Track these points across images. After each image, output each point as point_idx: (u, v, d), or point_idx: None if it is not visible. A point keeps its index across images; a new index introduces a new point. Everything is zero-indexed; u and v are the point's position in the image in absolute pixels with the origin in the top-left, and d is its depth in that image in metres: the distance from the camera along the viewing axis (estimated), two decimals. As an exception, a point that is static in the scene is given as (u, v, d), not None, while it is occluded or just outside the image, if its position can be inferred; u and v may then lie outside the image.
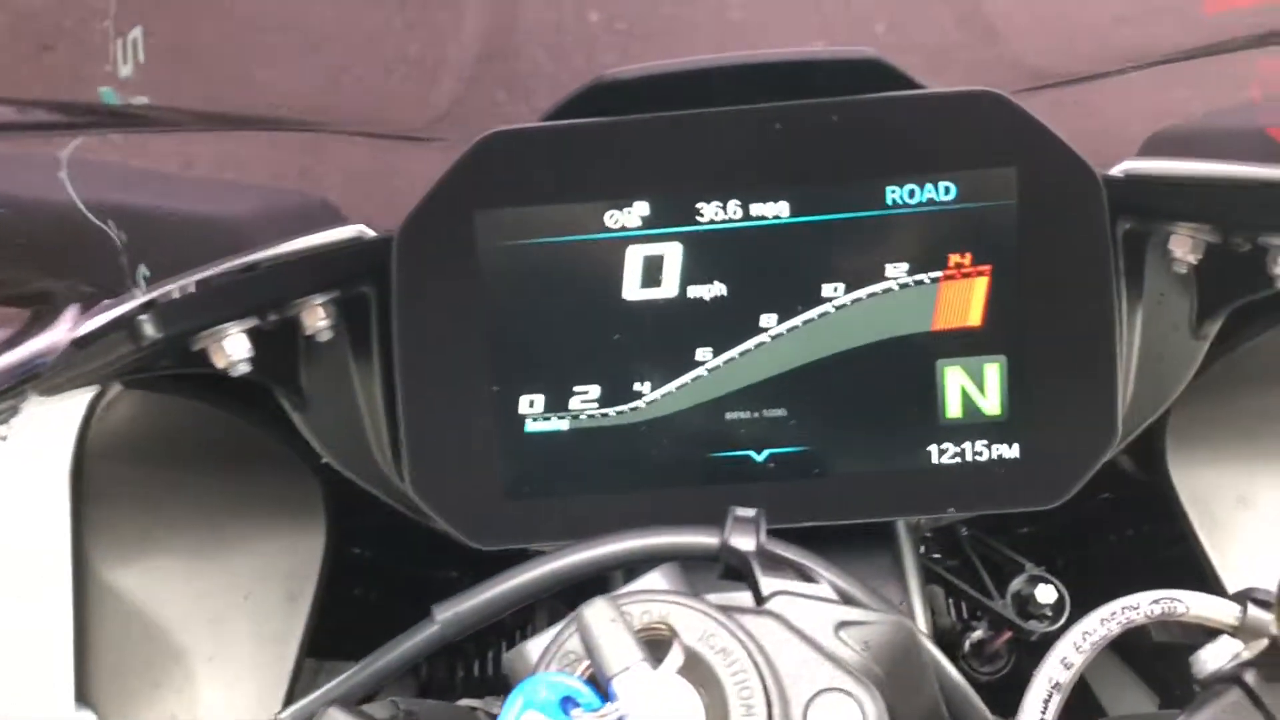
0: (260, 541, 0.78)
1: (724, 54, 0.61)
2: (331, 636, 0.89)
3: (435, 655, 0.60)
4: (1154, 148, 0.63)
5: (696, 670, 0.44)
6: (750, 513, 0.55)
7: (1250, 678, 0.49)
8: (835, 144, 0.61)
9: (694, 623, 0.45)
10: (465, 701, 0.59)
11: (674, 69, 0.61)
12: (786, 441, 0.64)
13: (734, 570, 0.54)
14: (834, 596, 0.53)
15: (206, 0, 0.66)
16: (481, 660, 0.92)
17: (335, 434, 0.70)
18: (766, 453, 0.64)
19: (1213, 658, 0.53)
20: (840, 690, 0.47)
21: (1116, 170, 0.62)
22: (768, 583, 0.52)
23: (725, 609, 0.47)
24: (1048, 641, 0.73)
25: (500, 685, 0.52)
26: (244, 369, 0.61)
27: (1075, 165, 0.61)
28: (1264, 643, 0.52)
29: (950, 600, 0.90)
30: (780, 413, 0.64)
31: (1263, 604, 0.56)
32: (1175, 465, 0.79)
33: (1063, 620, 0.80)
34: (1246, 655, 0.52)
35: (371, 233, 0.62)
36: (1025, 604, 0.82)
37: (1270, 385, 0.78)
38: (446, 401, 0.63)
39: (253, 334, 0.61)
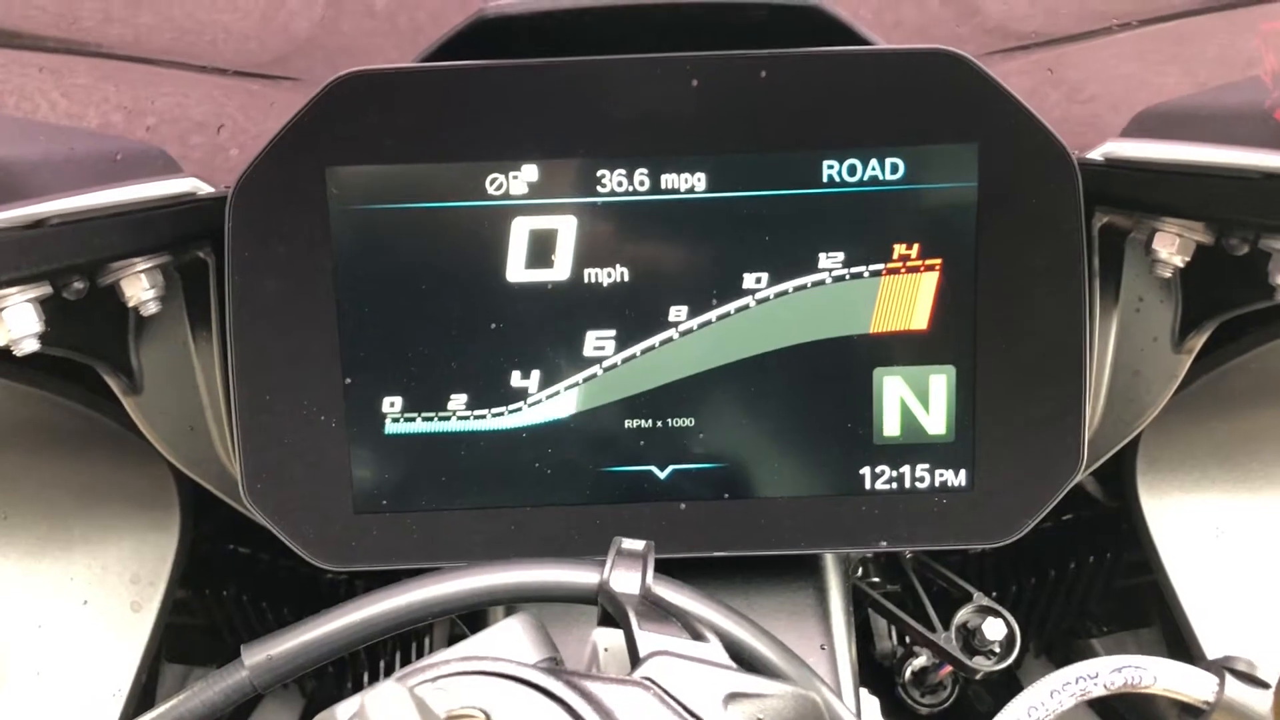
0: (104, 540, 0.68)
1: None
2: (205, 636, 0.80)
3: (321, 668, 0.51)
4: (1142, 127, 0.54)
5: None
6: (638, 545, 0.45)
7: None
8: (763, 106, 0.51)
9: (521, 706, 0.35)
10: None
11: (574, 5, 0.51)
12: (695, 457, 0.54)
13: (611, 618, 0.45)
14: (725, 660, 0.43)
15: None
16: (373, 671, 0.83)
17: (170, 421, 0.60)
18: (670, 469, 0.55)
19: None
20: None
21: (1096, 153, 0.53)
22: (646, 639, 0.42)
23: (576, 677, 0.37)
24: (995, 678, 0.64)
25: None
26: (32, 345, 0.50)
27: (1047, 144, 0.51)
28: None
29: (891, 625, 0.82)
30: (688, 423, 0.54)
31: (1244, 678, 0.48)
32: (1145, 490, 0.70)
33: (1011, 658, 0.72)
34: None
35: (207, 188, 0.52)
36: (971, 637, 0.73)
37: (1256, 406, 0.69)
38: (289, 394, 0.53)
39: (51, 304, 0.51)
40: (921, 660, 0.81)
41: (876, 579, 0.77)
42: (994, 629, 0.72)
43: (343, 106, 0.50)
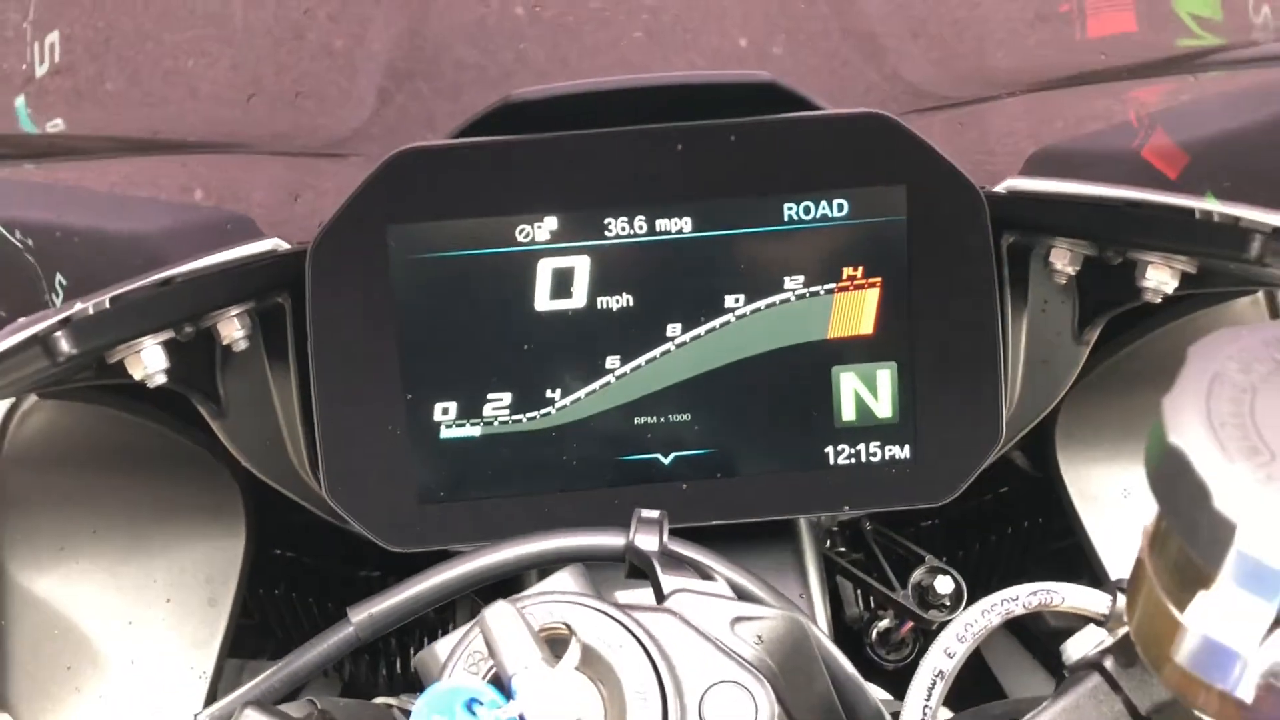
0: (181, 547, 0.79)
1: (629, 76, 0.63)
2: (255, 636, 0.91)
3: (358, 654, 0.62)
4: (1035, 166, 0.67)
5: (595, 666, 0.46)
6: (654, 514, 0.58)
7: (1109, 663, 0.53)
8: (734, 163, 0.64)
9: (592, 622, 0.47)
10: (381, 700, 0.61)
11: (579, 89, 0.64)
12: (691, 444, 0.67)
13: (638, 569, 0.57)
14: (730, 594, 0.56)
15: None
16: (404, 658, 0.94)
17: (253, 440, 0.71)
18: (673, 455, 0.67)
19: (1078, 646, 0.57)
20: (734, 683, 0.50)
21: (1000, 187, 0.66)
22: (669, 581, 0.55)
23: (625, 607, 0.49)
24: (946, 629, 0.77)
25: (417, 684, 0.55)
26: (160, 380, 0.62)
27: (960, 183, 0.64)
28: (1124, 629, 0.56)
29: (857, 591, 0.94)
30: (685, 417, 0.67)
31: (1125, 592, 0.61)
32: (1064, 462, 0.83)
33: (960, 610, 0.84)
34: (1109, 642, 0.56)
35: (286, 245, 0.64)
36: (925, 594, 0.86)
37: (1149, 385, 0.82)
38: (361, 409, 0.65)
39: (169, 345, 0.63)
40: (885, 622, 0.94)
41: (843, 549, 0.90)
42: (944, 585, 0.85)
43: (399, 175, 0.63)
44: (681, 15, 0.74)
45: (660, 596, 0.54)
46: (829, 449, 0.68)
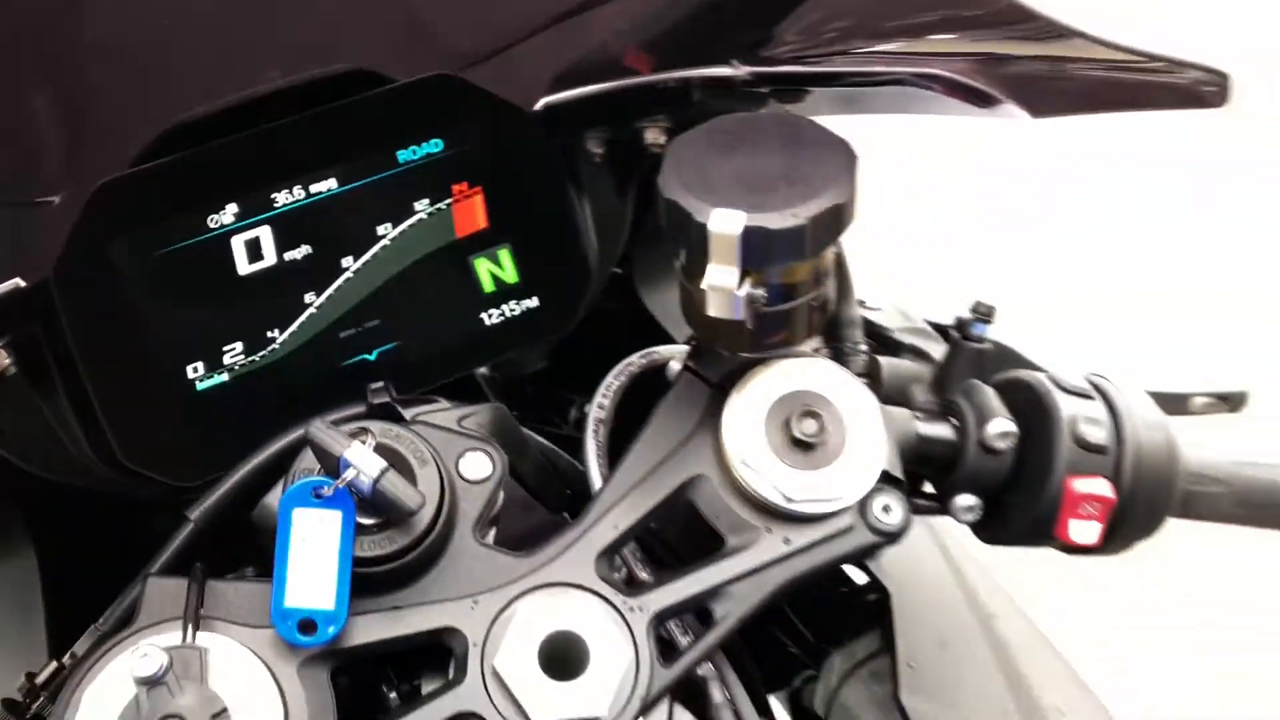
0: None
1: (258, 86, 0.85)
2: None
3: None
4: (557, 83, 0.96)
5: (387, 453, 0.70)
6: (380, 384, 0.82)
7: (690, 362, 0.83)
8: (353, 131, 0.88)
9: (379, 427, 0.71)
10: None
11: (221, 105, 0.85)
12: (386, 340, 0.91)
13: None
14: (449, 405, 0.81)
15: None
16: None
17: (36, 451, 0.87)
18: (376, 351, 0.90)
19: (673, 367, 0.87)
20: (477, 449, 0.76)
21: (538, 105, 0.94)
22: (410, 413, 0.79)
23: (392, 424, 0.74)
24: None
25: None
26: None
27: (511, 110, 0.92)
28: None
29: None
30: (376, 322, 0.90)
31: None
32: (644, 294, 1.15)
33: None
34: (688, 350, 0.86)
35: (24, 283, 0.81)
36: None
37: None
38: (133, 389, 0.83)
39: None
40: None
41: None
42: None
43: (104, 202, 0.80)
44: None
45: (406, 421, 0.79)
46: (482, 315, 0.94)
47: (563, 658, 0.70)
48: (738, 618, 0.74)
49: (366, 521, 0.69)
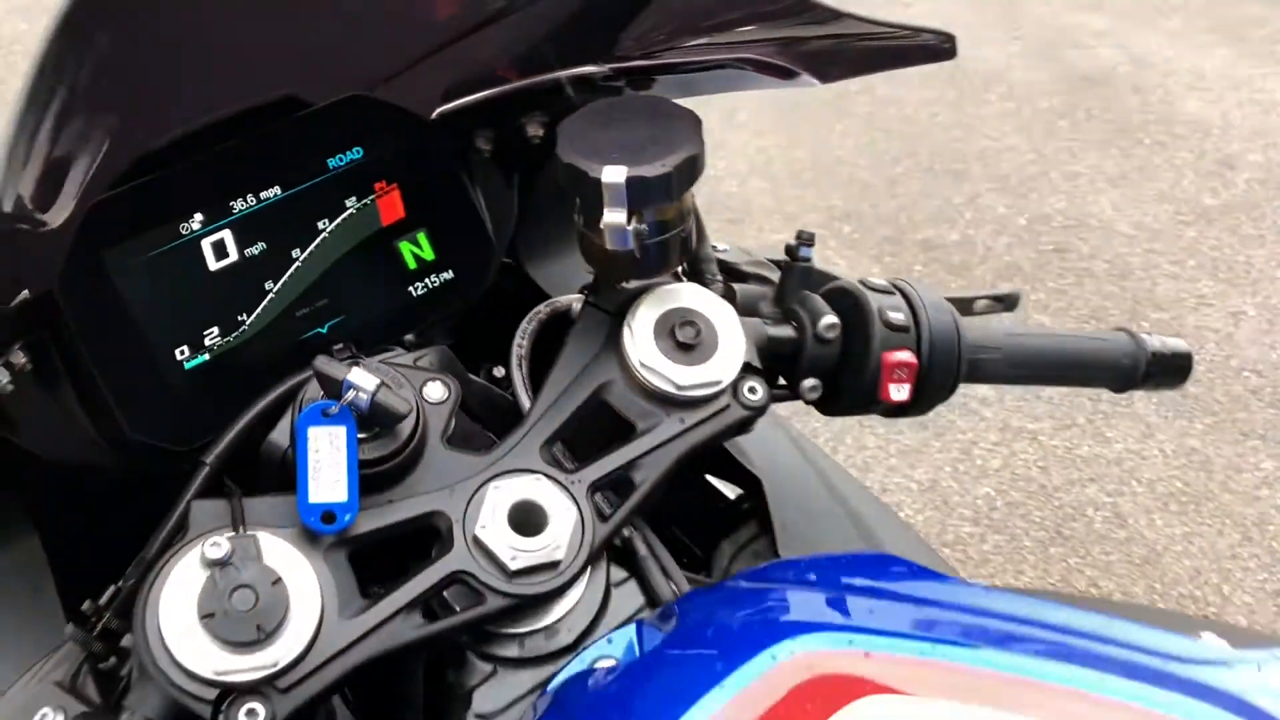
0: None
1: (208, 116, 1.04)
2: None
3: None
4: (449, 94, 1.17)
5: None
6: (341, 345, 1.01)
7: (589, 297, 1.06)
8: (287, 148, 1.07)
9: (363, 362, 0.91)
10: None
11: (179, 134, 1.03)
12: (334, 315, 1.09)
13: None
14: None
15: None
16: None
17: (50, 439, 1.02)
18: (327, 325, 1.09)
19: (576, 306, 1.10)
20: (435, 379, 0.96)
21: (435, 114, 1.15)
22: (375, 359, 0.99)
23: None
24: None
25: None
26: None
27: (415, 119, 1.13)
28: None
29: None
30: (325, 301, 1.09)
31: None
32: (531, 270, 1.37)
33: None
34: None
35: (30, 294, 0.97)
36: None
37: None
38: (133, 372, 1.00)
39: None
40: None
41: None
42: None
43: (97, 219, 0.98)
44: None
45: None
46: (409, 288, 1.13)
47: (526, 521, 0.91)
48: (652, 482, 0.97)
49: (363, 435, 0.89)
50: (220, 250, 1.04)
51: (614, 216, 0.91)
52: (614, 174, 0.90)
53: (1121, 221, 4.21)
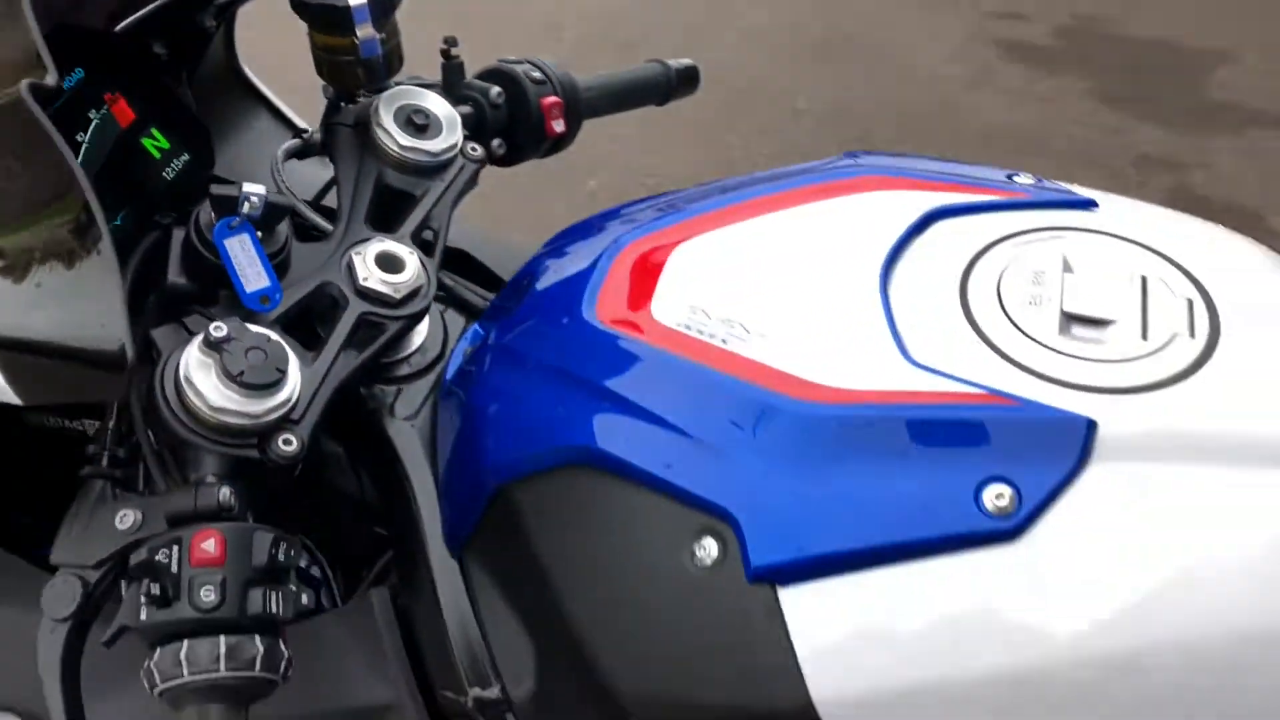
0: None
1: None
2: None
3: None
4: (125, 12, 1.36)
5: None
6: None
7: (334, 119, 1.36)
8: None
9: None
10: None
11: None
12: (121, 205, 1.29)
13: None
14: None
15: None
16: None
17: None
18: (120, 215, 1.28)
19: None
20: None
21: (119, 28, 1.35)
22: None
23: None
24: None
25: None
26: None
27: (106, 35, 1.32)
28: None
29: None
30: (109, 197, 1.28)
31: None
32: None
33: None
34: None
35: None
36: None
37: None
38: None
39: None
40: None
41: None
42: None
43: None
44: None
45: None
46: (163, 173, 1.34)
47: (387, 261, 1.22)
48: (444, 228, 1.31)
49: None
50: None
51: (366, 30, 1.23)
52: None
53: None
